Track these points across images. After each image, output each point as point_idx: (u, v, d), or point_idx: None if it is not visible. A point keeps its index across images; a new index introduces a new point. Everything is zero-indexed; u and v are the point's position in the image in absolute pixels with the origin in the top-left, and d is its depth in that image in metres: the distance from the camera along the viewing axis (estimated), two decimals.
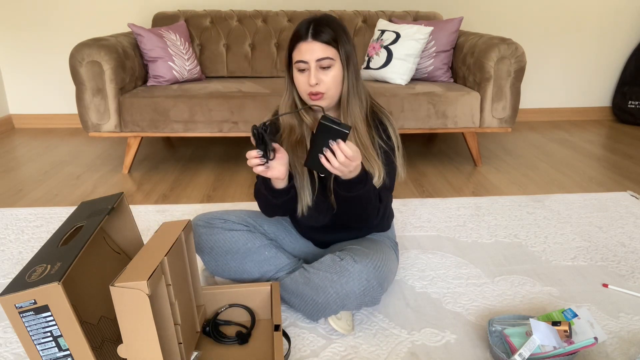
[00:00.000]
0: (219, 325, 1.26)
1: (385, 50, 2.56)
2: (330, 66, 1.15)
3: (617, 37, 3.37)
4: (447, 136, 3.12)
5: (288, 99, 1.25)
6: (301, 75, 1.17)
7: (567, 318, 1.17)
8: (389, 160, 1.25)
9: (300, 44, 1.15)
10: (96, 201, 1.16)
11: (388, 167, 1.24)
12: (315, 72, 1.15)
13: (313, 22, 1.15)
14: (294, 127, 1.26)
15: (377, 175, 1.20)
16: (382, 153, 1.23)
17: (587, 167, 2.52)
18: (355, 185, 1.11)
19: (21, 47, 3.11)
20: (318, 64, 1.14)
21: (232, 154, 2.75)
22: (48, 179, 2.34)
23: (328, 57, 1.14)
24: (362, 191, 1.13)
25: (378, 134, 1.24)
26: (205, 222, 1.36)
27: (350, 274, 1.17)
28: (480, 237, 1.77)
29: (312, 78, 1.14)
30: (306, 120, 1.26)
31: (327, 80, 1.15)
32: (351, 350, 1.19)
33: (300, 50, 1.15)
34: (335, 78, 1.16)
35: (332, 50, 1.15)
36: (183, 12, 2.85)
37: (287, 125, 1.27)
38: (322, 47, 1.14)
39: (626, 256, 1.63)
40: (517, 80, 2.37)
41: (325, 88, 1.16)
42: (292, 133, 1.26)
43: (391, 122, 1.26)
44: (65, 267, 0.86)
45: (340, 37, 1.16)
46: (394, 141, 1.25)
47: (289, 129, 1.27)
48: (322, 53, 1.14)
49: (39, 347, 0.87)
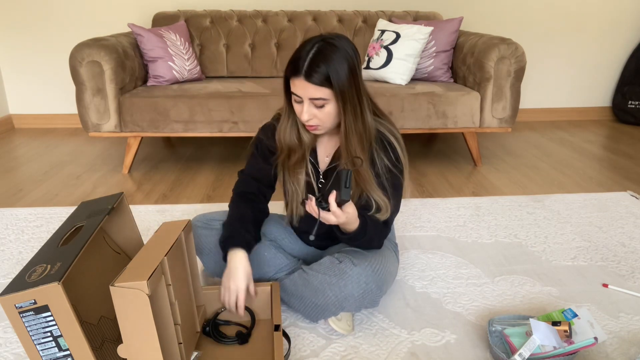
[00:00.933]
0: (219, 325, 1.26)
1: (385, 50, 2.56)
2: (323, 105, 1.12)
3: (617, 37, 3.37)
4: (447, 136, 3.12)
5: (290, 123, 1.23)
6: (297, 105, 1.15)
7: (567, 318, 1.17)
8: (398, 183, 1.22)
9: (294, 79, 1.11)
10: (96, 201, 1.16)
11: (396, 191, 1.22)
12: (308, 108, 1.12)
13: (309, 59, 1.08)
14: (293, 149, 1.24)
15: (384, 209, 1.19)
16: (390, 176, 1.21)
17: (587, 167, 2.52)
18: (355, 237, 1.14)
19: (21, 47, 3.11)
20: (311, 102, 1.11)
21: (232, 154, 2.75)
22: (48, 179, 2.34)
23: (321, 97, 1.10)
24: (362, 240, 1.16)
25: (387, 156, 1.20)
26: (204, 223, 1.36)
27: (348, 277, 1.17)
28: (480, 237, 1.77)
29: (304, 114, 1.12)
30: (305, 139, 1.24)
31: (321, 116, 1.13)
32: (351, 350, 1.19)
33: (295, 85, 1.12)
34: (329, 114, 1.13)
35: (324, 91, 1.09)
36: (183, 12, 2.85)
37: (286, 146, 1.25)
38: (314, 88, 1.09)
39: (626, 256, 1.63)
40: (517, 80, 2.37)
41: (319, 122, 1.14)
42: (291, 154, 1.25)
43: (399, 142, 1.22)
44: (65, 267, 0.86)
45: (335, 75, 1.07)
46: (403, 162, 1.22)
47: (287, 150, 1.25)
48: (314, 93, 1.09)
49: (39, 347, 0.87)
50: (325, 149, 1.28)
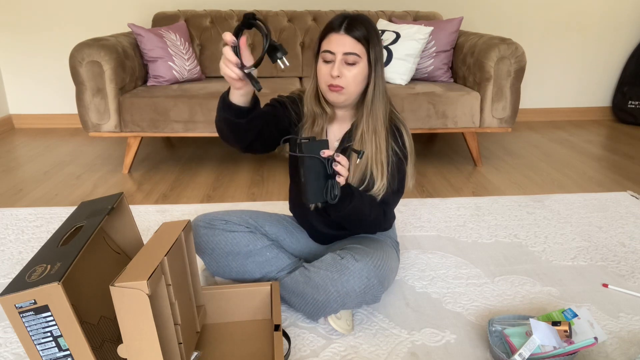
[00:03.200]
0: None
1: (385, 50, 2.55)
2: (355, 63, 1.15)
3: (617, 37, 3.37)
4: (447, 136, 3.12)
5: (313, 89, 1.25)
6: (325, 66, 1.17)
7: (567, 318, 1.17)
8: (401, 167, 1.25)
9: (332, 35, 1.15)
10: (96, 201, 1.16)
11: (399, 174, 1.25)
12: (339, 65, 1.15)
13: (349, 17, 1.15)
14: (316, 117, 1.26)
15: (379, 181, 1.20)
16: (395, 160, 1.23)
17: (587, 167, 2.52)
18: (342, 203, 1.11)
19: (21, 47, 3.11)
20: (344, 57, 1.15)
21: (232, 154, 2.75)
22: (48, 179, 2.34)
23: (355, 53, 1.14)
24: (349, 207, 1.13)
25: (394, 139, 1.24)
26: (206, 222, 1.36)
27: (350, 272, 1.17)
28: (480, 237, 1.77)
29: (335, 70, 1.14)
30: (327, 110, 1.25)
31: (348, 76, 1.16)
32: (351, 350, 1.19)
33: (330, 41, 1.15)
34: (356, 76, 1.16)
35: (360, 48, 1.15)
36: (183, 12, 2.85)
37: (311, 113, 1.27)
38: (351, 42, 1.14)
39: (626, 256, 1.63)
40: (517, 80, 2.37)
41: (346, 83, 1.16)
42: (314, 123, 1.26)
43: (407, 130, 1.26)
44: (65, 267, 0.86)
45: (372, 38, 1.15)
46: (408, 149, 1.26)
47: (312, 118, 1.27)
48: (350, 47, 1.14)
49: (39, 347, 0.87)
50: (335, 135, 1.29)
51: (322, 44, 1.18)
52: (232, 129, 1.13)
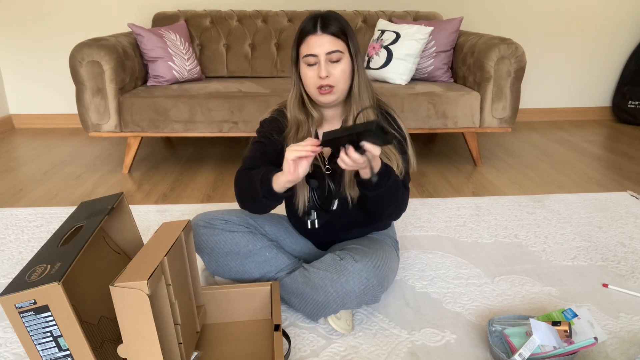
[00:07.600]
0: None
1: (385, 50, 2.55)
2: (339, 60, 1.16)
3: (617, 37, 3.37)
4: (447, 136, 3.12)
5: (296, 95, 1.25)
6: (310, 70, 1.17)
7: (567, 318, 1.17)
8: (403, 149, 1.27)
9: (309, 38, 1.16)
10: (96, 201, 1.16)
11: (403, 155, 1.26)
12: (325, 65, 1.15)
13: (320, 17, 1.16)
14: (301, 123, 1.26)
15: (395, 165, 1.21)
16: (396, 143, 1.25)
17: (587, 167, 2.52)
18: (382, 180, 1.10)
19: (21, 47, 3.11)
20: (328, 57, 1.15)
21: (232, 154, 2.75)
22: (48, 179, 2.34)
23: (338, 50, 1.15)
24: (390, 183, 1.12)
25: (389, 124, 1.26)
26: (206, 222, 1.36)
27: (350, 272, 1.17)
28: (480, 237, 1.77)
29: (323, 71, 1.15)
30: (314, 114, 1.25)
31: (336, 74, 1.16)
32: (351, 350, 1.19)
33: (309, 44, 1.15)
34: (344, 72, 1.17)
35: (341, 43, 1.16)
36: (183, 12, 2.85)
37: (295, 121, 1.27)
38: (331, 40, 1.15)
39: (626, 256, 1.63)
40: (517, 80, 2.37)
41: (335, 81, 1.17)
42: (299, 130, 1.26)
43: (397, 113, 1.29)
44: (65, 267, 0.86)
45: (348, 31, 1.17)
46: (404, 130, 1.28)
47: (296, 125, 1.27)
48: (331, 46, 1.15)
49: (39, 347, 0.87)
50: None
51: (301, 49, 1.18)
52: (262, 206, 1.19)
